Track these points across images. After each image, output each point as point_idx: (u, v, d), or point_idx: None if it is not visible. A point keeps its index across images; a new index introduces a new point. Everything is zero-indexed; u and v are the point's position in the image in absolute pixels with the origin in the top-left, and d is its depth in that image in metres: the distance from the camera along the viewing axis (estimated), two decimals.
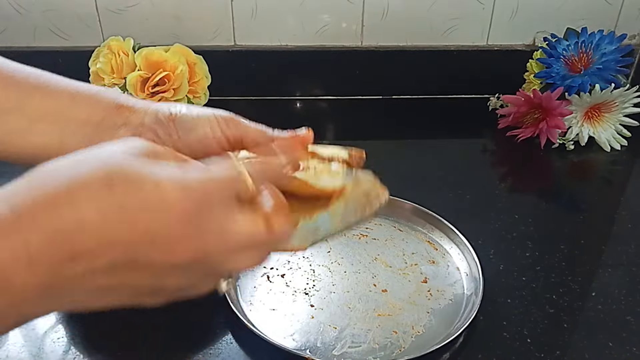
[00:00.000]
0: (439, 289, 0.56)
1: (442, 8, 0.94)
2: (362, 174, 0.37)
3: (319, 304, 0.54)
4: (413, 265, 0.59)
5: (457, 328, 0.50)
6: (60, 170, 0.26)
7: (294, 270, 0.58)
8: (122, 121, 0.36)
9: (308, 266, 0.59)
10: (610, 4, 0.96)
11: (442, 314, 0.53)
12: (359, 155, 0.38)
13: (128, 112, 0.37)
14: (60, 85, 0.37)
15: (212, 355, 0.49)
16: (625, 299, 0.56)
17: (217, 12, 0.92)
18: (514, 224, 0.68)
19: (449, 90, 1.00)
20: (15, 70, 0.36)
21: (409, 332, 0.51)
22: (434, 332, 0.51)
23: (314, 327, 0.52)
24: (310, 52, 0.95)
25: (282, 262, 0.59)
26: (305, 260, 0.60)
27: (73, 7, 0.89)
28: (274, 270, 0.58)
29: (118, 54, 0.81)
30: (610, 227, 0.69)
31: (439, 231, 0.63)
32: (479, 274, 0.55)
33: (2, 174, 0.75)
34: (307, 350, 0.49)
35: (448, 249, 0.62)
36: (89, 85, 0.37)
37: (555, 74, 0.85)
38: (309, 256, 0.60)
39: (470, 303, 0.54)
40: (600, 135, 0.86)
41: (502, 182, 0.80)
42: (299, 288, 0.56)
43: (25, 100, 0.35)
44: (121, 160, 0.26)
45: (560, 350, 0.50)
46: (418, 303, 0.55)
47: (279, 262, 0.59)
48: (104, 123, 0.36)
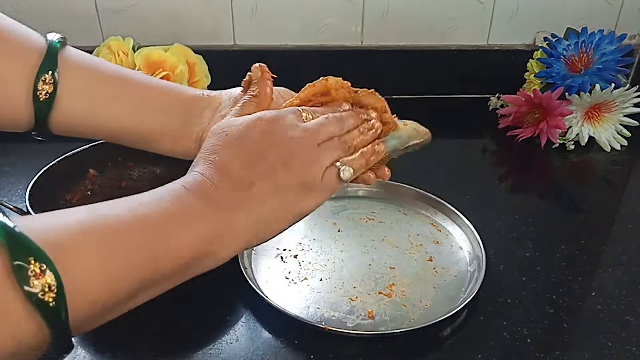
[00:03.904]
0: (444, 267, 0.59)
1: (442, 8, 0.94)
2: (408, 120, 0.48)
3: (332, 280, 0.57)
4: (418, 245, 0.62)
5: (461, 301, 0.53)
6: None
7: (306, 251, 0.60)
8: (205, 105, 0.46)
9: (319, 247, 0.61)
10: (610, 4, 0.96)
11: (448, 288, 0.56)
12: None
13: (208, 99, 0.46)
14: (149, 81, 0.46)
15: (230, 329, 0.51)
16: (625, 299, 0.56)
17: (217, 12, 0.92)
18: (514, 224, 0.68)
19: (449, 90, 1.01)
20: (113, 69, 0.44)
21: (418, 305, 0.54)
22: (440, 305, 0.54)
23: (327, 302, 0.54)
24: (310, 52, 0.95)
25: (295, 243, 0.61)
26: (316, 242, 0.62)
27: (73, 7, 0.89)
28: (287, 252, 0.60)
29: (118, 54, 0.81)
30: (610, 227, 0.69)
31: (441, 214, 0.66)
32: (481, 252, 0.58)
33: (2, 173, 0.75)
34: (323, 322, 0.51)
35: (451, 230, 0.64)
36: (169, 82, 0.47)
37: (556, 74, 0.85)
38: (319, 238, 0.62)
39: (473, 278, 0.56)
40: (600, 135, 0.86)
41: (502, 182, 0.80)
42: (312, 267, 0.58)
43: (129, 91, 0.44)
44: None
45: (560, 350, 0.50)
46: (425, 279, 0.57)
47: (292, 244, 0.61)
48: (193, 107, 0.45)
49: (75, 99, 0.42)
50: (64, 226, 0.29)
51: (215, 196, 0.35)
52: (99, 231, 0.30)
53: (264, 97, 0.43)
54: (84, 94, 0.43)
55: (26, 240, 0.26)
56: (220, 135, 0.38)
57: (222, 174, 0.36)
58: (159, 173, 0.68)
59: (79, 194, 0.63)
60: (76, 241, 0.29)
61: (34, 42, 0.42)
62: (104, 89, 0.43)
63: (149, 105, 0.45)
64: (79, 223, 0.29)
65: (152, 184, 0.67)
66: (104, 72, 0.44)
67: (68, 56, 0.42)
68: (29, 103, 0.41)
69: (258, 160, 0.37)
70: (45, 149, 0.65)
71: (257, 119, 0.39)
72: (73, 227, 0.29)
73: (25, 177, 0.71)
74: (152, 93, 0.45)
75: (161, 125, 0.45)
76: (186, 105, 0.46)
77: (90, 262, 0.29)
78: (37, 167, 0.59)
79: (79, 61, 0.43)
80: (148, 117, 0.45)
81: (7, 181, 0.73)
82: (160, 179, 0.68)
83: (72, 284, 0.27)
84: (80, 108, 0.43)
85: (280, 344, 0.50)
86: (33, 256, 0.26)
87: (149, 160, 0.68)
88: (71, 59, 0.43)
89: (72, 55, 0.43)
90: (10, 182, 0.73)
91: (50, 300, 0.26)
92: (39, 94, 0.41)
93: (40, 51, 0.41)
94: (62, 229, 0.29)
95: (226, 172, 0.36)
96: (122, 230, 0.31)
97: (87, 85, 0.43)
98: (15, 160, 0.78)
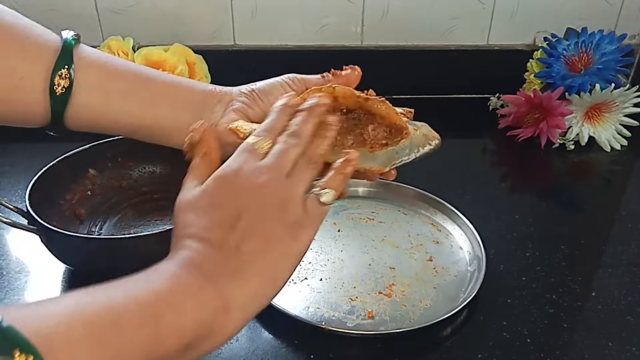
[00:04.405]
0: (444, 267, 0.59)
1: (442, 8, 0.94)
2: (419, 122, 0.46)
3: (332, 280, 0.57)
4: (418, 245, 0.62)
5: (462, 301, 0.53)
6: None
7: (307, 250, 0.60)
8: (217, 100, 0.46)
9: (319, 247, 0.61)
10: (610, 4, 0.96)
11: (448, 288, 0.56)
12: (409, 111, 0.47)
13: (219, 93, 0.46)
14: (163, 77, 0.46)
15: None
16: (625, 299, 0.56)
17: (217, 12, 0.92)
18: (514, 224, 0.68)
19: (449, 90, 1.01)
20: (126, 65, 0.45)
21: (418, 305, 0.54)
22: (440, 304, 0.54)
23: (327, 302, 0.54)
24: (310, 52, 0.95)
25: None
26: (316, 241, 0.62)
27: (73, 7, 0.89)
28: None
29: (118, 54, 0.81)
30: (610, 227, 0.69)
31: (441, 214, 0.66)
32: (481, 252, 0.58)
33: (3, 173, 0.75)
34: (323, 322, 0.51)
35: (451, 230, 0.64)
36: (181, 77, 0.48)
37: (556, 74, 0.85)
38: (319, 238, 0.62)
39: (473, 278, 0.56)
40: (600, 135, 0.86)
41: (502, 182, 0.80)
42: (312, 267, 0.58)
43: (143, 86, 0.45)
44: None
45: (560, 350, 0.50)
46: (425, 279, 0.57)
47: None
48: (204, 102, 0.46)
49: (91, 93, 0.43)
50: (54, 313, 0.28)
51: (207, 268, 0.34)
52: (91, 314, 0.28)
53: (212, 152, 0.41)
54: (99, 88, 0.44)
55: (12, 332, 0.25)
56: (187, 209, 0.37)
57: (205, 244, 0.35)
58: (159, 173, 0.68)
59: (79, 194, 0.63)
60: (67, 329, 0.27)
61: (50, 39, 0.43)
62: (118, 84, 0.44)
63: (163, 99, 0.45)
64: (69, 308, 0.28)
65: (152, 184, 0.68)
66: (117, 67, 0.45)
67: (82, 52, 0.43)
68: (45, 98, 0.42)
69: (236, 221, 0.35)
70: (45, 149, 0.65)
71: (214, 180, 0.37)
72: (63, 313, 0.28)
73: (25, 177, 0.71)
74: (166, 88, 0.46)
75: (174, 119, 0.45)
76: (198, 100, 0.46)
77: (82, 349, 0.27)
78: (37, 167, 0.58)
79: (93, 57, 0.44)
80: (162, 111, 0.45)
81: (7, 181, 0.73)
82: (160, 179, 0.68)
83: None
84: (95, 103, 0.44)
85: (281, 344, 0.50)
86: (18, 347, 0.25)
87: (148, 160, 0.68)
88: (85, 55, 0.44)
89: (87, 51, 0.44)
90: (10, 182, 0.73)
91: None
92: (56, 88, 0.42)
93: (56, 47, 0.42)
94: (52, 316, 0.27)
95: (208, 242, 0.35)
96: (116, 311, 0.29)
97: (102, 81, 0.44)
98: (15, 160, 0.78)
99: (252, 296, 0.34)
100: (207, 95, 0.46)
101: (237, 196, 0.36)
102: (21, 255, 0.60)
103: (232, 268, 0.34)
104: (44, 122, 0.44)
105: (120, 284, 0.31)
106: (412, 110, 0.47)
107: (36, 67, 0.42)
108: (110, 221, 0.64)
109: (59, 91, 0.42)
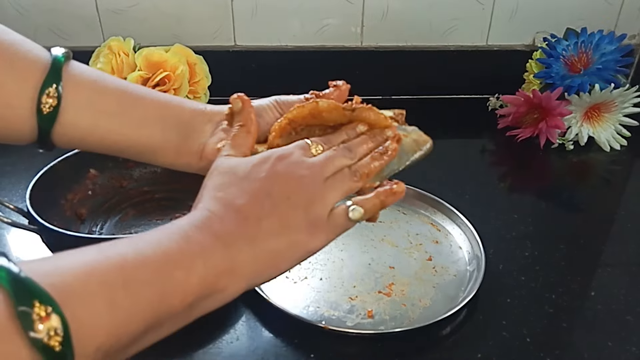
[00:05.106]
0: (443, 266, 0.59)
1: (442, 8, 0.94)
2: (409, 127, 0.45)
3: (331, 279, 0.57)
4: (418, 245, 0.62)
5: (461, 300, 0.53)
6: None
7: None
8: (207, 119, 0.46)
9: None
10: (610, 4, 0.96)
11: (447, 288, 0.56)
12: (400, 112, 0.46)
13: (210, 113, 0.46)
14: (152, 95, 0.46)
15: (230, 328, 0.51)
16: (625, 298, 0.56)
17: (217, 12, 0.92)
18: (514, 223, 0.68)
19: (449, 90, 1.01)
20: (116, 82, 0.45)
21: (417, 304, 0.54)
22: (439, 304, 0.54)
23: (327, 301, 0.54)
24: (310, 52, 0.95)
25: None
26: None
27: (73, 8, 0.89)
28: None
29: (118, 54, 0.81)
30: (610, 227, 0.69)
31: (440, 214, 0.67)
32: (481, 251, 0.58)
33: (3, 173, 0.75)
34: (323, 321, 0.51)
35: (450, 229, 0.65)
36: (171, 96, 0.47)
37: (555, 74, 0.85)
38: None
39: (472, 278, 0.57)
40: (599, 135, 0.86)
41: (501, 182, 0.80)
42: (312, 266, 0.59)
43: (132, 105, 0.44)
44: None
45: (560, 349, 0.50)
46: (424, 279, 0.57)
47: None
48: (193, 122, 0.45)
49: (79, 112, 0.43)
50: (70, 269, 0.29)
51: (221, 230, 0.35)
52: (104, 273, 0.30)
53: (250, 125, 0.43)
54: (87, 107, 0.43)
55: (31, 283, 0.26)
56: (227, 174, 0.39)
57: (229, 209, 0.36)
58: (159, 173, 0.68)
59: (80, 193, 0.64)
60: (82, 284, 0.29)
61: (39, 56, 0.42)
62: (107, 103, 0.44)
63: (152, 119, 0.45)
64: (84, 265, 0.30)
65: (153, 184, 0.68)
66: (107, 86, 0.44)
67: (72, 70, 0.43)
68: (32, 116, 0.42)
69: (264, 197, 0.37)
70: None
71: (265, 158, 0.39)
72: (79, 269, 0.29)
73: (26, 177, 0.71)
74: (155, 107, 0.45)
75: (163, 139, 0.45)
76: (187, 119, 0.46)
77: (97, 304, 0.28)
78: (38, 167, 0.59)
79: (82, 75, 0.44)
80: (150, 130, 0.45)
81: (7, 181, 0.74)
82: (160, 178, 0.68)
83: (78, 328, 0.27)
84: (83, 121, 0.43)
85: (281, 343, 0.50)
86: (38, 299, 0.26)
87: None
88: (75, 73, 0.43)
89: (76, 69, 0.44)
90: (10, 182, 0.73)
91: (56, 345, 0.26)
92: (43, 107, 0.41)
93: (45, 65, 0.42)
94: (67, 271, 0.29)
95: (233, 208, 0.36)
96: (128, 270, 0.31)
97: (91, 99, 0.43)
98: (16, 160, 0.78)
99: (256, 270, 0.36)
100: (197, 115, 0.46)
101: (275, 179, 0.38)
102: (22, 255, 0.60)
103: (244, 236, 0.36)
104: (31, 139, 0.43)
105: (132, 243, 0.33)
106: (403, 112, 0.47)
107: (24, 84, 0.41)
108: (111, 221, 0.64)
109: (46, 110, 0.41)
